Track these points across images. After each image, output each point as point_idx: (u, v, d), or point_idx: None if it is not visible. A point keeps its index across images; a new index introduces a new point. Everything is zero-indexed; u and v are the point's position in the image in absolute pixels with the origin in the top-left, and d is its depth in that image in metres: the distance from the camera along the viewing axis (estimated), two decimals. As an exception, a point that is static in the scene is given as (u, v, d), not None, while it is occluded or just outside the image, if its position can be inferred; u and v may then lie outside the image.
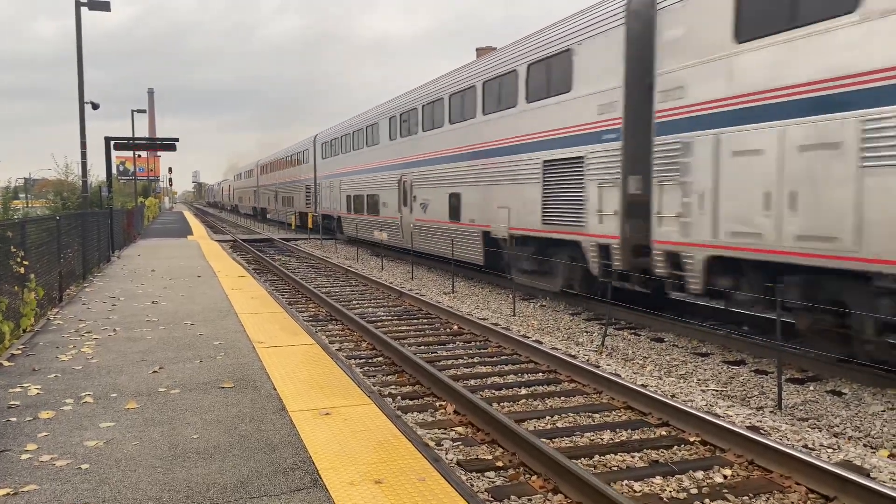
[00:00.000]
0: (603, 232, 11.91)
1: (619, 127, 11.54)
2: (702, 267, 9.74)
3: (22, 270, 9.11)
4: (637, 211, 11.33)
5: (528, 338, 10.58)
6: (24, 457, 4.76)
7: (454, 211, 17.79)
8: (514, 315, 13.06)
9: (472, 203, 16.81)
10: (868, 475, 5.46)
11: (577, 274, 13.14)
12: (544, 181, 13.65)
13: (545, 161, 13.59)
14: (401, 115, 21.95)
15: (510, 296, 14.45)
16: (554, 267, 13.94)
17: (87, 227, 15.84)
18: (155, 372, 7.05)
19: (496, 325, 11.60)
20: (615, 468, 5.70)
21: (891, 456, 6.17)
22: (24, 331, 9.15)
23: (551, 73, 13.30)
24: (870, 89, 7.49)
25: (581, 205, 12.47)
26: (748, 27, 8.95)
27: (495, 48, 18.43)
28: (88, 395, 6.23)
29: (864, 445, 6.44)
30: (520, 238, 14.90)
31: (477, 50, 25.38)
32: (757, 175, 8.78)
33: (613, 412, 7.14)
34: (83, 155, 22.01)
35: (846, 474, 4.97)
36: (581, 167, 12.46)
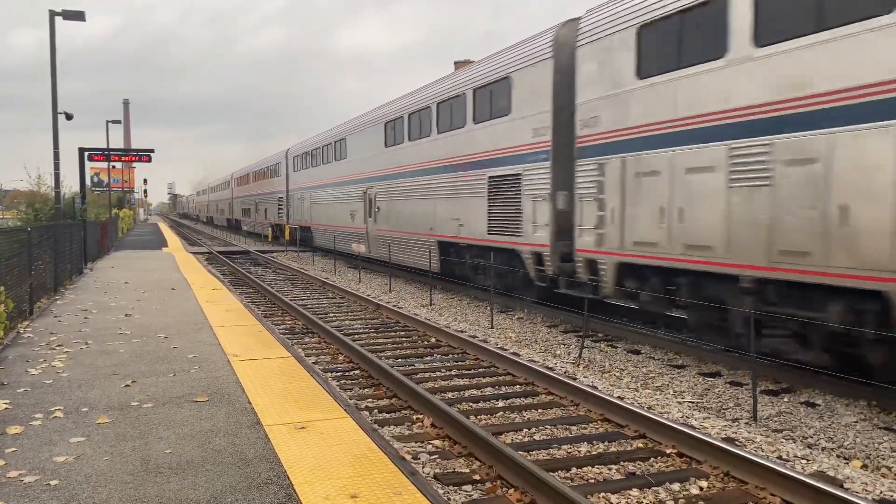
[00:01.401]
0: (282, 221, 37.55)
1: (284, 191, 36.94)
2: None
3: (-9, 282, 8.95)
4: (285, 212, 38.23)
5: (506, 350, 10.58)
6: (-10, 473, 4.65)
7: (266, 215, 42.75)
8: (492, 327, 13.06)
9: (268, 211, 42.10)
10: (841, 486, 5.51)
11: (276, 233, 38.87)
12: (278, 206, 38.10)
13: (278, 198, 38.68)
14: (253, 172, 48.27)
15: (488, 308, 14.47)
16: (278, 234, 37.95)
17: (60, 238, 15.61)
18: (127, 386, 6.93)
19: (474, 337, 11.59)
20: (592, 480, 5.69)
21: (863, 467, 6.24)
22: (-7, 344, 8.96)
23: (269, 173, 42.06)
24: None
25: (281, 212, 37.77)
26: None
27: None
28: (59, 409, 6.12)
29: (838, 456, 6.51)
30: (274, 224, 39.54)
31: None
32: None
33: (590, 424, 7.15)
34: (56, 166, 21.73)
35: (820, 485, 5.01)
36: (281, 201, 37.63)
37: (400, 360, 10.17)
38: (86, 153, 26.65)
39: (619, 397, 7.88)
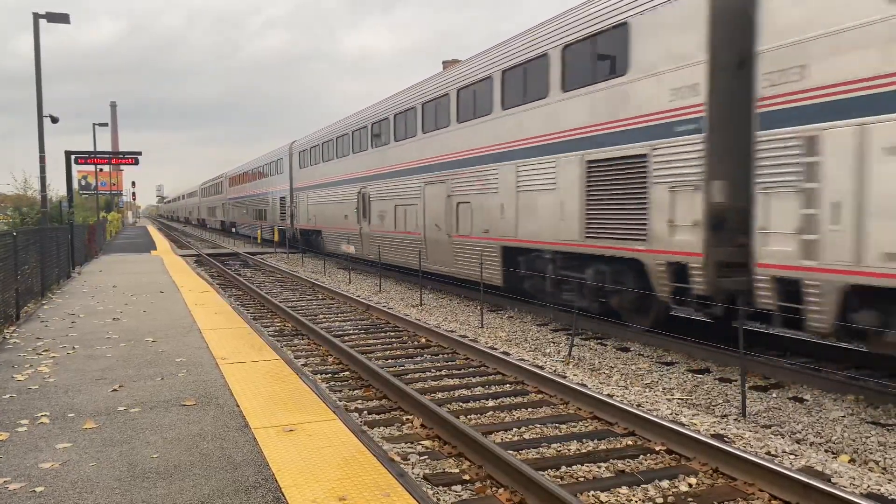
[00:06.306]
0: (224, 219, 61.31)
1: (225, 199, 58.94)
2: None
3: (-24, 288, 8.87)
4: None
5: (496, 349, 10.58)
6: (-26, 481, 4.60)
7: (217, 215, 64.11)
8: (482, 327, 13.06)
9: (217, 212, 63.63)
10: (829, 480, 5.54)
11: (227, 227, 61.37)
12: (222, 209, 61.54)
13: (222, 203, 60.96)
14: (211, 185, 67.00)
15: (478, 307, 14.47)
16: (228, 228, 60.74)
17: (46, 242, 15.50)
18: (114, 390, 6.89)
19: (464, 337, 11.59)
20: (582, 479, 5.70)
21: (851, 461, 6.27)
22: (-21, 350, 8.88)
23: (217, 188, 63.35)
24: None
25: (224, 213, 61.04)
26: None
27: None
28: (45, 415, 6.07)
29: (825, 451, 6.54)
30: (220, 221, 62.23)
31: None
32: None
33: (580, 423, 7.16)
34: (42, 169, 21.60)
35: (808, 480, 5.04)
36: (224, 206, 59.94)
37: (390, 360, 10.15)
38: (72, 156, 26.49)
39: (608, 395, 7.89)
